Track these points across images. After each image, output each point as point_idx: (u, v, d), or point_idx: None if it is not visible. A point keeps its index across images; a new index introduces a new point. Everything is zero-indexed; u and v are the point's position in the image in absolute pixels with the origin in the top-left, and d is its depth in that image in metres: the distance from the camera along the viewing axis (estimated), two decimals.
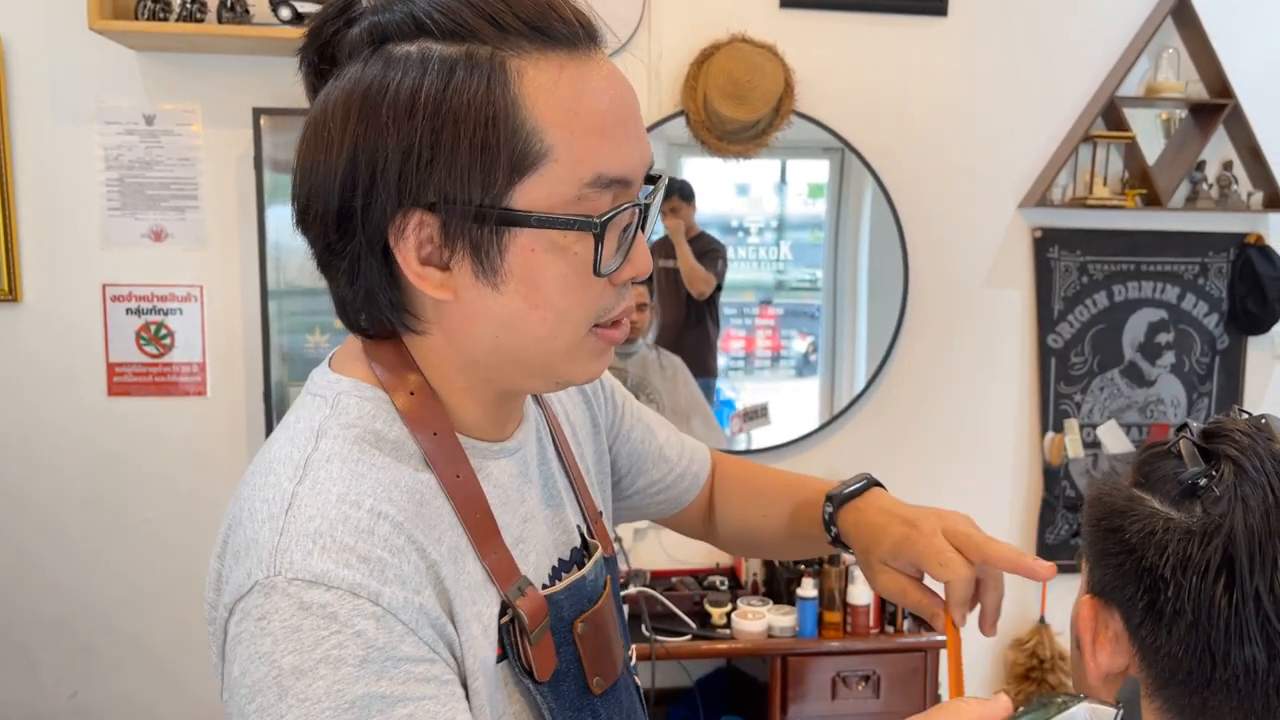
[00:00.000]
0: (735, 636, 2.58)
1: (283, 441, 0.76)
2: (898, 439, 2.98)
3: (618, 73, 0.76)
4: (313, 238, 0.77)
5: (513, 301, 0.74)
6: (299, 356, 2.64)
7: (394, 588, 0.69)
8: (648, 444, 1.12)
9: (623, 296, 0.79)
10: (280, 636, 0.65)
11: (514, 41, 0.71)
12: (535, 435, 0.91)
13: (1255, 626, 0.65)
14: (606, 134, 0.73)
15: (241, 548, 0.70)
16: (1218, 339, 3.09)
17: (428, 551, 0.73)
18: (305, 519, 0.69)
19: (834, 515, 1.03)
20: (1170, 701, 0.71)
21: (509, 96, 0.70)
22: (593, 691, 0.85)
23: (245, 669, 0.66)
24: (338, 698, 0.65)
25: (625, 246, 0.76)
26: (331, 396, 0.78)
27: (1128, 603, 0.71)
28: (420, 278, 0.73)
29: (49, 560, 2.68)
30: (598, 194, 0.72)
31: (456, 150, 0.70)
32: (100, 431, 2.66)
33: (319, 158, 0.74)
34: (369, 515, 0.70)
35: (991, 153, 2.93)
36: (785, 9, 2.80)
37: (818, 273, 3.02)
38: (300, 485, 0.71)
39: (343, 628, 0.66)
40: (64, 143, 2.58)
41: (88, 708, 2.73)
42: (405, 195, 0.71)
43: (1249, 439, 0.69)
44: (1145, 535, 0.70)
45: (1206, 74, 2.92)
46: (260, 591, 0.67)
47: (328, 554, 0.67)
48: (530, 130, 0.70)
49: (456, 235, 0.72)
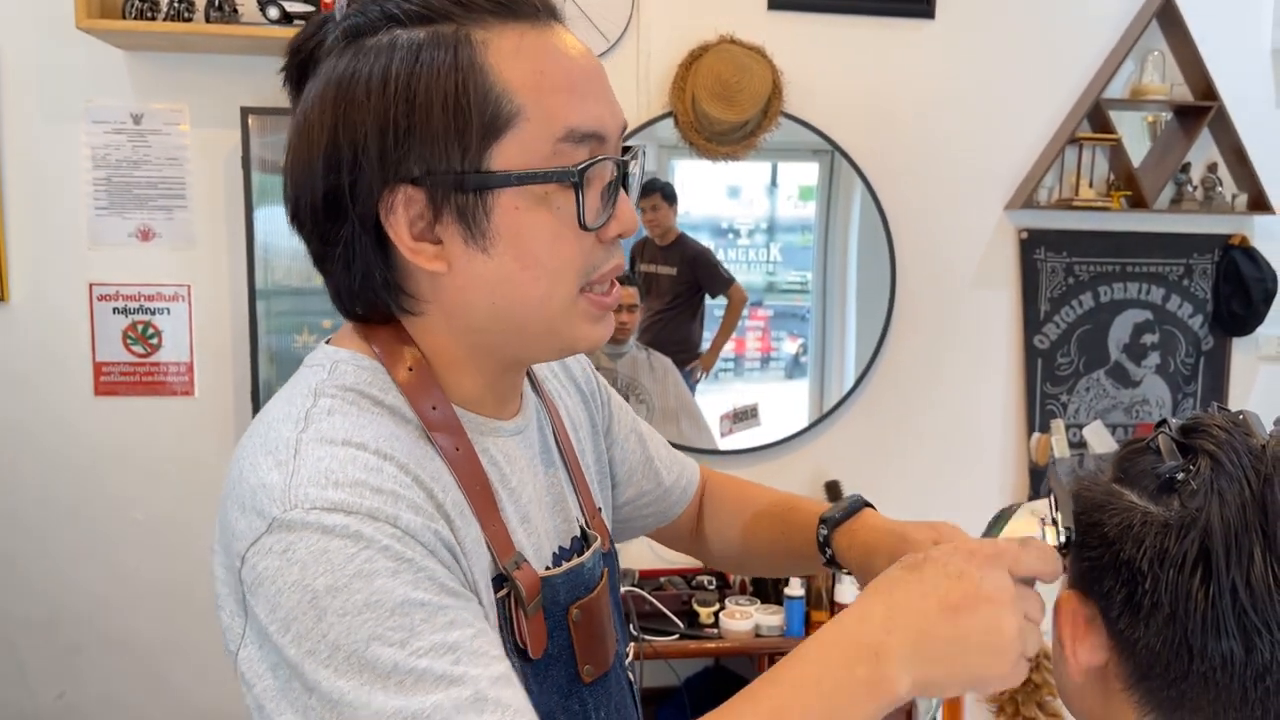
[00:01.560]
0: (723, 636, 2.58)
1: (280, 403, 0.78)
2: (885, 439, 2.99)
3: (580, 42, 0.79)
4: (306, 233, 0.79)
5: (503, 263, 0.76)
6: (287, 356, 2.64)
7: (409, 514, 0.70)
8: (640, 454, 1.12)
9: (611, 255, 0.80)
10: (308, 561, 0.66)
11: (477, 18, 0.74)
12: (537, 423, 0.92)
13: (1232, 619, 0.66)
14: (574, 90, 0.75)
15: (247, 496, 0.70)
16: (1202, 340, 3.11)
17: (434, 494, 0.74)
18: (314, 460, 0.70)
19: (828, 538, 1.04)
20: (1148, 694, 0.71)
21: (475, 64, 0.73)
22: (583, 680, 0.86)
23: (275, 603, 0.66)
24: (378, 607, 0.65)
25: (610, 203, 0.78)
26: (329, 364, 0.80)
27: (1106, 596, 0.72)
28: (414, 252, 0.75)
29: (36, 560, 2.67)
30: (572, 148, 0.75)
31: (430, 120, 0.72)
32: (87, 432, 2.65)
33: (303, 153, 0.76)
34: (375, 456, 0.71)
35: (978, 154, 2.94)
36: (773, 11, 2.81)
37: (807, 275, 3.03)
38: (304, 433, 0.72)
39: (369, 544, 0.66)
40: (51, 142, 2.57)
41: (75, 708, 2.72)
42: (389, 171, 0.73)
43: (1226, 434, 0.69)
44: (1123, 529, 0.70)
45: (1191, 77, 2.94)
46: (279, 527, 0.67)
47: (341, 487, 0.68)
48: (499, 93, 0.73)
49: (443, 204, 0.74)
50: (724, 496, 1.20)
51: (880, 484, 2.95)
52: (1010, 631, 0.69)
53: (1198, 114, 2.93)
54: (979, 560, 0.71)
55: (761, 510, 1.16)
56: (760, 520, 1.15)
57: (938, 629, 0.68)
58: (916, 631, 0.68)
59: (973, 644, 0.68)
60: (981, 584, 0.69)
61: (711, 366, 2.98)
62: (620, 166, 0.78)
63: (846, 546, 1.03)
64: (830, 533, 1.04)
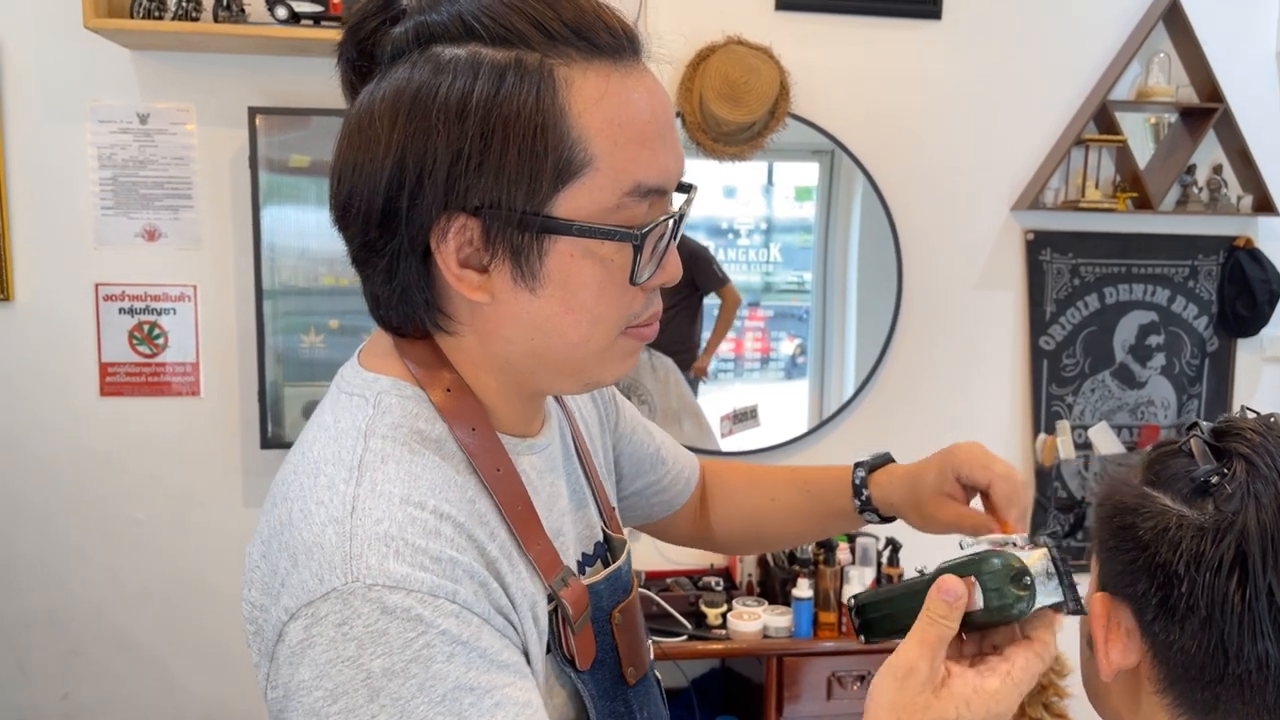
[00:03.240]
0: (731, 637, 2.58)
1: (325, 442, 0.76)
2: (890, 439, 2.99)
3: (658, 84, 0.77)
4: (350, 235, 0.78)
5: (549, 305, 0.75)
6: (293, 357, 2.63)
7: (465, 585, 0.70)
8: (647, 446, 1.14)
9: (652, 301, 0.80)
10: (366, 641, 0.66)
11: (561, 49, 0.72)
12: (559, 433, 0.92)
13: (1268, 621, 0.66)
14: (647, 144, 0.74)
15: (301, 550, 0.70)
16: (1207, 341, 3.11)
17: (486, 549, 0.74)
18: (373, 522, 0.69)
19: (865, 479, 1.10)
20: (1181, 697, 0.72)
21: (557, 105, 0.71)
22: (627, 681, 0.87)
23: (323, 672, 0.66)
24: (430, 693, 0.66)
25: (659, 255, 0.77)
26: (372, 396, 0.78)
27: (1140, 599, 0.72)
28: (459, 279, 0.74)
29: (40, 561, 2.67)
30: (636, 202, 0.74)
31: (505, 156, 0.71)
32: (92, 432, 2.65)
33: (363, 157, 0.74)
34: (433, 516, 0.71)
35: (984, 155, 2.94)
36: (780, 11, 2.81)
37: (806, 275, 3.03)
38: (359, 488, 0.71)
39: (428, 628, 0.67)
40: (57, 141, 2.56)
41: (79, 709, 2.71)
42: (451, 198, 0.72)
43: (1260, 437, 0.70)
44: (1158, 532, 0.70)
45: (1197, 78, 2.95)
46: (337, 598, 0.67)
47: (402, 558, 0.68)
48: (575, 139, 0.71)
49: (498, 239, 0.73)
50: (733, 473, 1.24)
51: None
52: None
53: (1203, 116, 2.93)
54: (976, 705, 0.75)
55: (775, 477, 1.20)
56: (776, 486, 1.19)
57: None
58: None
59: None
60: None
61: (706, 368, 2.98)
62: (677, 223, 0.77)
63: (885, 484, 1.09)
64: (867, 474, 1.10)
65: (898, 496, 1.07)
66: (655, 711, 0.92)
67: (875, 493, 1.10)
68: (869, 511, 1.11)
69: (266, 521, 0.75)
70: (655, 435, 1.16)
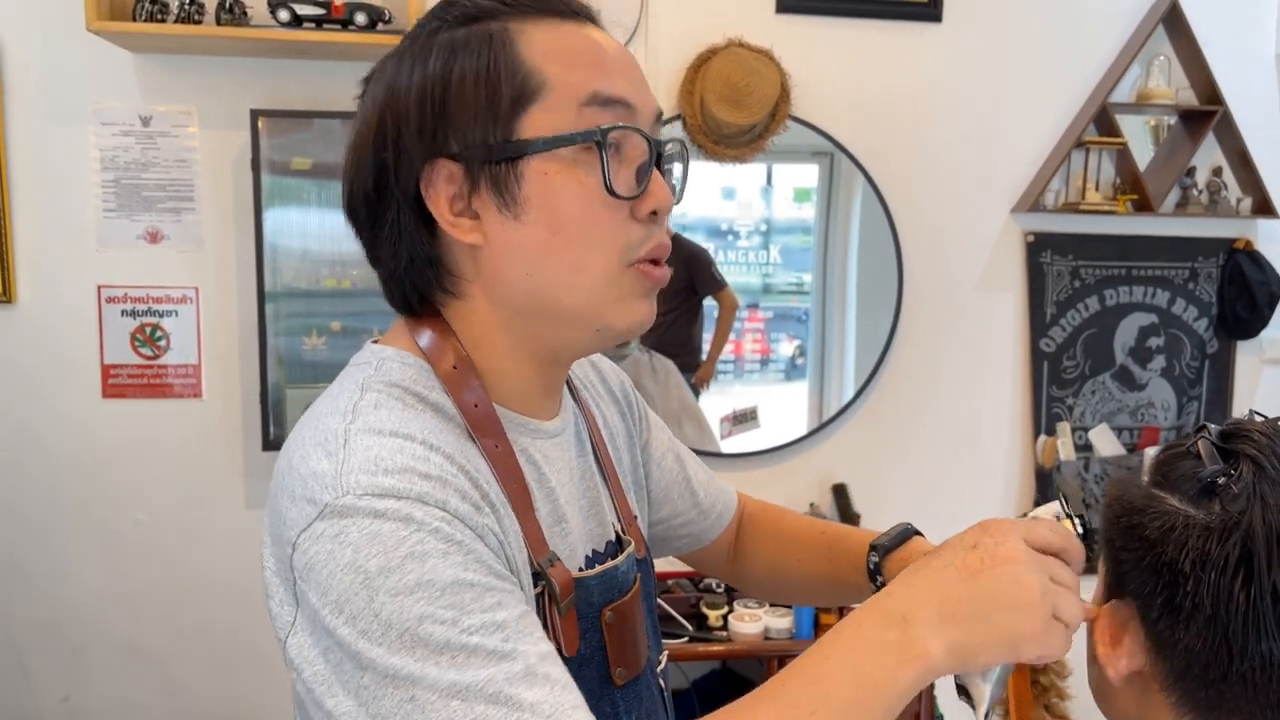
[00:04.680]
0: (732, 638, 2.58)
1: (327, 399, 0.80)
2: (891, 442, 3.00)
3: (613, 38, 0.83)
4: (359, 222, 0.83)
5: (536, 231, 0.78)
6: (296, 359, 2.64)
7: (457, 499, 0.72)
8: (677, 473, 1.13)
9: (651, 233, 0.81)
10: (361, 544, 0.67)
11: (519, 14, 0.80)
12: (574, 428, 0.93)
13: (1273, 620, 0.66)
14: (600, 65, 0.80)
15: (298, 485, 0.72)
16: (1207, 343, 3.12)
17: (480, 485, 0.75)
18: (363, 448, 0.72)
19: (879, 564, 1.03)
20: (1185, 695, 0.72)
21: (509, 45, 0.78)
22: (614, 682, 0.86)
23: (327, 585, 0.68)
24: (429, 586, 0.67)
25: (640, 173, 0.80)
26: (375, 361, 0.82)
27: (1145, 598, 0.72)
28: (453, 225, 0.79)
29: (41, 563, 2.67)
30: (598, 112, 0.78)
31: (463, 94, 0.77)
32: (94, 434, 2.65)
33: (355, 142, 0.82)
34: (422, 446, 0.73)
35: (985, 158, 2.95)
36: (781, 14, 2.81)
37: (805, 276, 3.04)
38: (352, 424, 0.74)
39: (420, 526, 0.68)
40: (59, 144, 2.57)
41: (80, 711, 2.72)
42: (428, 145, 0.78)
43: (1267, 439, 0.70)
44: (1164, 531, 0.71)
45: (1197, 81, 2.95)
46: (330, 513, 0.69)
47: (391, 474, 0.70)
48: (529, 69, 0.78)
49: (479, 177, 0.78)
50: (765, 524, 1.20)
51: (885, 487, 2.96)
52: (1033, 586, 0.70)
53: (1203, 118, 2.94)
54: (992, 529, 0.74)
55: (805, 539, 1.15)
56: (803, 549, 1.14)
57: (960, 590, 0.70)
58: (940, 597, 0.70)
59: (998, 601, 0.70)
60: (997, 548, 0.72)
61: (710, 376, 2.99)
62: (653, 145, 0.80)
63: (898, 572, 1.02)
64: (881, 559, 1.02)
65: None
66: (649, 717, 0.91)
67: (889, 578, 1.01)
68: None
69: (274, 481, 0.77)
70: (687, 464, 1.15)
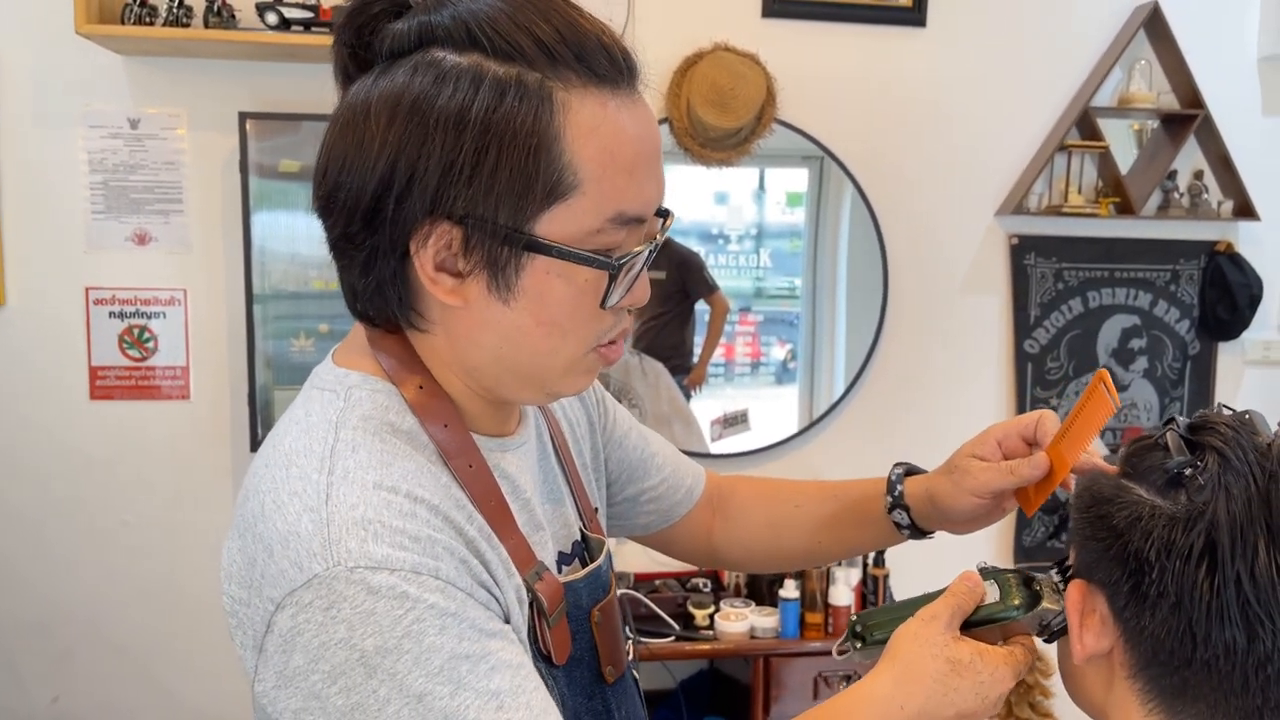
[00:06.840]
0: (718, 637, 2.60)
1: (296, 434, 0.77)
2: (877, 443, 3.02)
3: (651, 115, 0.78)
4: (331, 225, 0.78)
5: (520, 317, 0.76)
6: (283, 361, 2.64)
7: (446, 561, 0.71)
8: (639, 451, 1.13)
9: (620, 320, 0.81)
10: (355, 622, 0.67)
11: (561, 72, 0.73)
12: (536, 432, 0.93)
13: (1235, 609, 0.68)
14: (634, 174, 0.75)
15: (276, 541, 0.71)
16: (1189, 344, 3.15)
17: (464, 530, 0.75)
18: (348, 508, 0.70)
19: (902, 475, 1.08)
20: (1152, 682, 0.74)
21: (553, 128, 0.72)
22: (605, 680, 0.88)
23: (318, 656, 0.68)
24: (426, 665, 0.68)
25: (631, 280, 0.78)
26: (343, 390, 0.79)
27: (1113, 585, 0.74)
28: (434, 282, 0.76)
29: (29, 565, 2.66)
30: (615, 229, 0.75)
31: (497, 172, 0.72)
32: (82, 436, 2.65)
33: (354, 153, 0.75)
34: (407, 500, 0.72)
35: (969, 161, 2.97)
36: (767, 18, 2.83)
37: (796, 281, 3.06)
38: (331, 476, 0.72)
39: (416, 603, 0.68)
40: (48, 146, 2.57)
41: (69, 713, 2.71)
42: (438, 205, 0.73)
43: (1234, 432, 0.72)
44: (1131, 521, 0.72)
45: (1178, 85, 2.98)
46: (320, 584, 0.68)
47: (381, 540, 0.69)
48: (566, 163, 0.73)
49: (477, 249, 0.74)
50: (752, 486, 1.21)
51: None
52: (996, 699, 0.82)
53: (1184, 122, 2.97)
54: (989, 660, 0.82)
55: (803, 488, 1.18)
56: (803, 495, 1.16)
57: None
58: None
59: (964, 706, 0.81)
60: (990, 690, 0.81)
61: (702, 379, 3.00)
62: (651, 253, 0.79)
63: (922, 481, 1.07)
64: (904, 473, 1.09)
65: (931, 481, 1.05)
66: (633, 711, 0.93)
67: (909, 488, 1.07)
68: (899, 509, 1.07)
69: (241, 515, 0.76)
70: (651, 442, 1.15)
